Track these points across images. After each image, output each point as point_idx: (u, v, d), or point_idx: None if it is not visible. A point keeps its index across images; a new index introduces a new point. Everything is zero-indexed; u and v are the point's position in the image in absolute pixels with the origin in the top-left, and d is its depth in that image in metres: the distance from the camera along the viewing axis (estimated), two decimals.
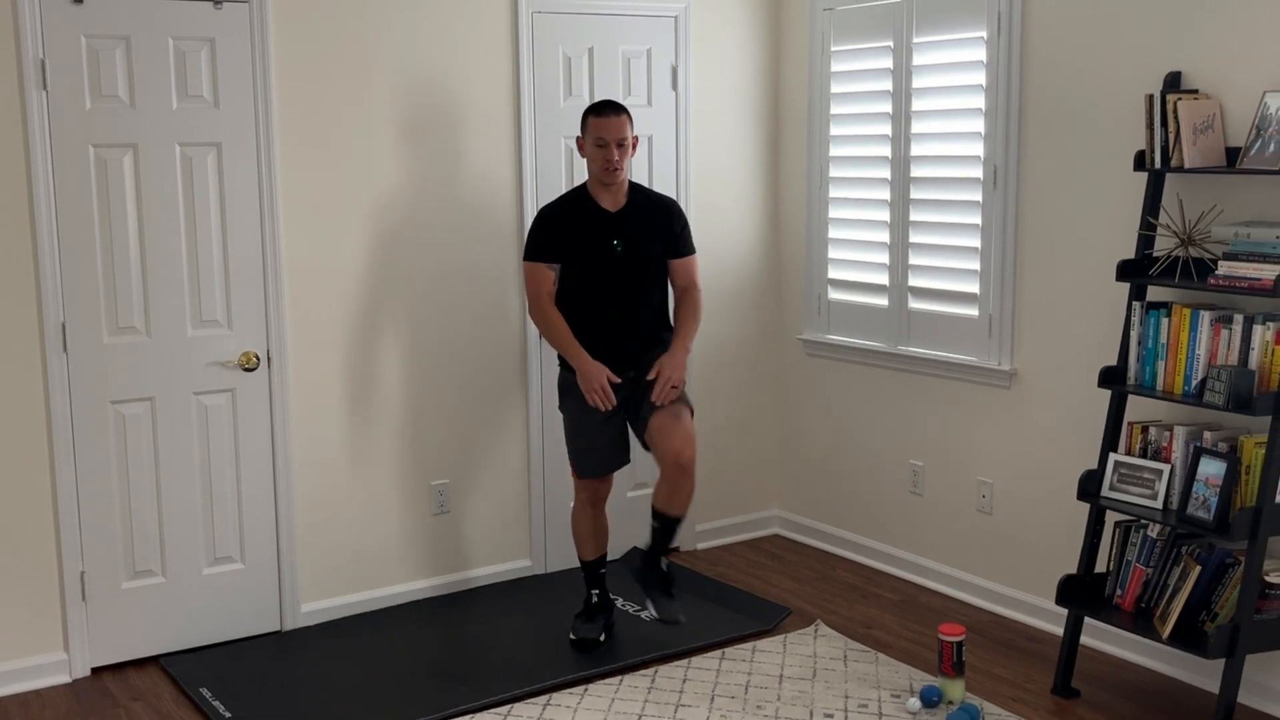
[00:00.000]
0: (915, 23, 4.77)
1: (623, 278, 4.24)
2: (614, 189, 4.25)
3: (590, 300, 4.23)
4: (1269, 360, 3.52)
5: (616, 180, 4.21)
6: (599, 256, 4.22)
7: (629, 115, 4.24)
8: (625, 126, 4.19)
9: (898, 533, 5.11)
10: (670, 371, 4.15)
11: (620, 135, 4.17)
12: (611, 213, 4.24)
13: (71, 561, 4.13)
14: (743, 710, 3.86)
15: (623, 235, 4.22)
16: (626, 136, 4.19)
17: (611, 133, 4.17)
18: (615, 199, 4.26)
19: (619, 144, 4.17)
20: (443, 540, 4.86)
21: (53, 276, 4.01)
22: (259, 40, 4.24)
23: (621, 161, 4.18)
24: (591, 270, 4.23)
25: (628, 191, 4.29)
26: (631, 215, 4.26)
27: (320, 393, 4.52)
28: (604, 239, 4.22)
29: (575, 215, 4.26)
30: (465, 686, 4.02)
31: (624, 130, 4.19)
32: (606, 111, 4.21)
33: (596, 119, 4.20)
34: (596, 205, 4.25)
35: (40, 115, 3.93)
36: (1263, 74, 3.67)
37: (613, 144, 4.16)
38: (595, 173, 4.24)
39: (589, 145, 4.22)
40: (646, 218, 4.28)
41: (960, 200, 4.67)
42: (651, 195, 4.39)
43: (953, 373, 4.77)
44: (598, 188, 4.26)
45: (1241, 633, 3.50)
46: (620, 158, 4.17)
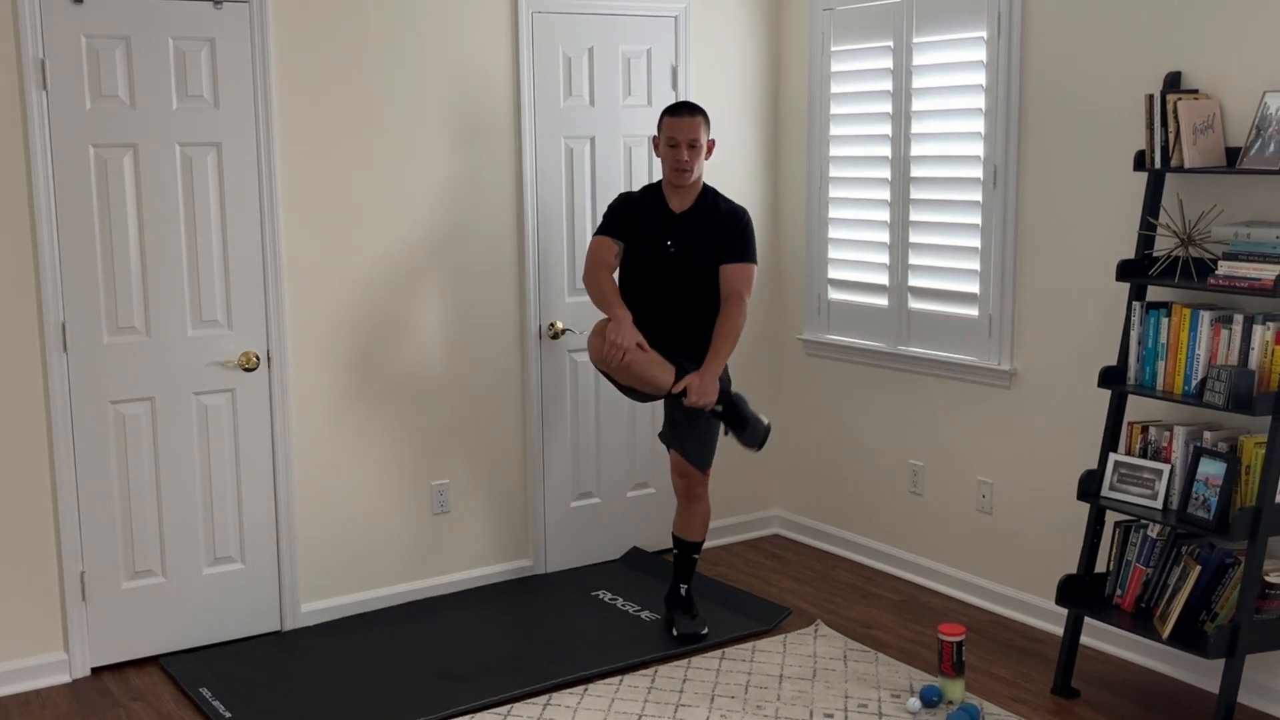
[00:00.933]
0: (915, 23, 4.77)
1: (672, 279, 4.26)
2: (683, 191, 4.27)
3: (636, 293, 4.25)
4: (1269, 360, 3.52)
5: (685, 181, 4.23)
6: (653, 253, 4.26)
7: (705, 117, 4.27)
8: (699, 128, 4.21)
9: (898, 533, 5.11)
10: (696, 396, 4.13)
11: (692, 136, 4.19)
12: (675, 214, 4.27)
13: (71, 561, 4.13)
14: (743, 710, 3.86)
15: (679, 237, 4.25)
16: (699, 138, 4.21)
17: (683, 133, 4.19)
18: (683, 200, 4.28)
19: (690, 145, 4.19)
20: (443, 540, 4.86)
21: (53, 276, 4.01)
22: (259, 40, 4.24)
23: (691, 162, 4.21)
24: (644, 265, 4.28)
25: (699, 195, 4.30)
26: (694, 219, 4.27)
27: (320, 393, 4.52)
28: (661, 238, 4.25)
29: (645, 207, 4.31)
30: (465, 686, 4.02)
31: (696, 131, 4.20)
32: (681, 112, 4.25)
33: (671, 118, 4.24)
34: (665, 204, 4.29)
35: (40, 115, 3.93)
36: (1263, 74, 3.67)
37: (683, 144, 4.19)
38: (666, 172, 4.28)
39: (662, 144, 4.26)
40: (710, 224, 4.28)
41: (960, 200, 4.67)
42: (721, 202, 4.36)
43: (953, 373, 4.77)
44: (668, 187, 4.31)
45: (1241, 633, 3.50)
46: (690, 158, 4.20)
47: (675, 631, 4.38)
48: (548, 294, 4.94)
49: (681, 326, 4.27)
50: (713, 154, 4.35)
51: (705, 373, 4.16)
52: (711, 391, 4.15)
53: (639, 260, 4.30)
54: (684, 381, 4.15)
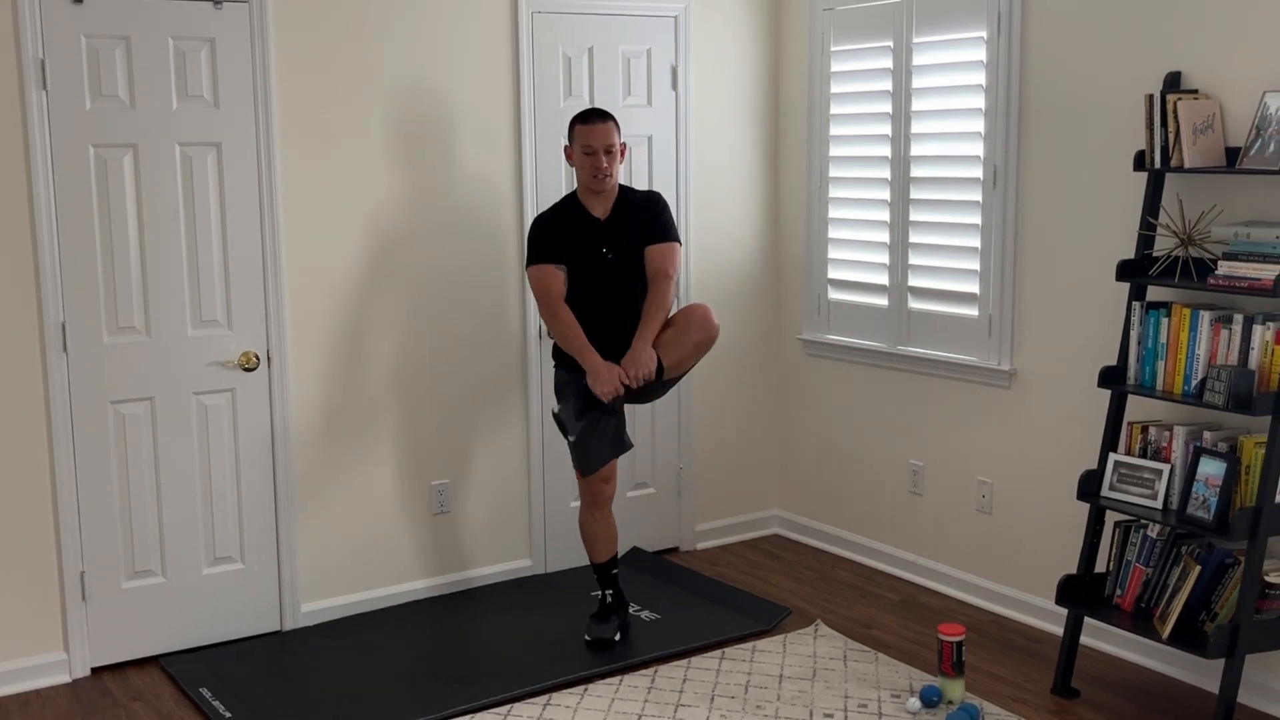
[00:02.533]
0: (915, 23, 4.77)
1: (615, 283, 4.24)
2: (603, 196, 4.25)
3: (586, 306, 4.23)
4: (1269, 360, 3.52)
5: (605, 187, 4.22)
6: (591, 264, 4.23)
7: (616, 122, 4.24)
8: (612, 133, 4.19)
9: (898, 533, 5.11)
10: (632, 369, 4.09)
11: (608, 142, 4.17)
12: (601, 220, 4.25)
13: (71, 561, 4.13)
14: (743, 710, 3.86)
15: (613, 242, 4.23)
16: (614, 143, 4.19)
17: (599, 140, 4.16)
18: (604, 206, 4.26)
19: (607, 151, 4.17)
20: (443, 540, 4.86)
21: (53, 276, 4.01)
22: (259, 40, 4.24)
23: (610, 168, 4.18)
24: (585, 277, 4.24)
25: (617, 197, 4.28)
26: (620, 220, 4.26)
27: (320, 393, 4.52)
28: (595, 247, 4.22)
29: (568, 222, 4.27)
30: (465, 686, 4.02)
31: (611, 137, 4.18)
32: (593, 119, 4.21)
33: (583, 126, 4.20)
34: (587, 213, 4.26)
35: (40, 115, 3.93)
36: (1263, 74, 3.67)
37: (600, 151, 4.16)
38: (584, 180, 4.24)
39: (577, 153, 4.22)
40: (634, 220, 4.26)
41: (960, 200, 4.67)
42: (635, 195, 4.37)
43: (953, 373, 4.77)
44: (587, 195, 4.26)
45: (1241, 633, 3.50)
46: (609, 165, 4.17)
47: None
48: None
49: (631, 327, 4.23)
50: (625, 157, 4.31)
51: (635, 347, 4.12)
52: (646, 360, 4.10)
53: (578, 275, 4.24)
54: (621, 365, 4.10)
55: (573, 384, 4.24)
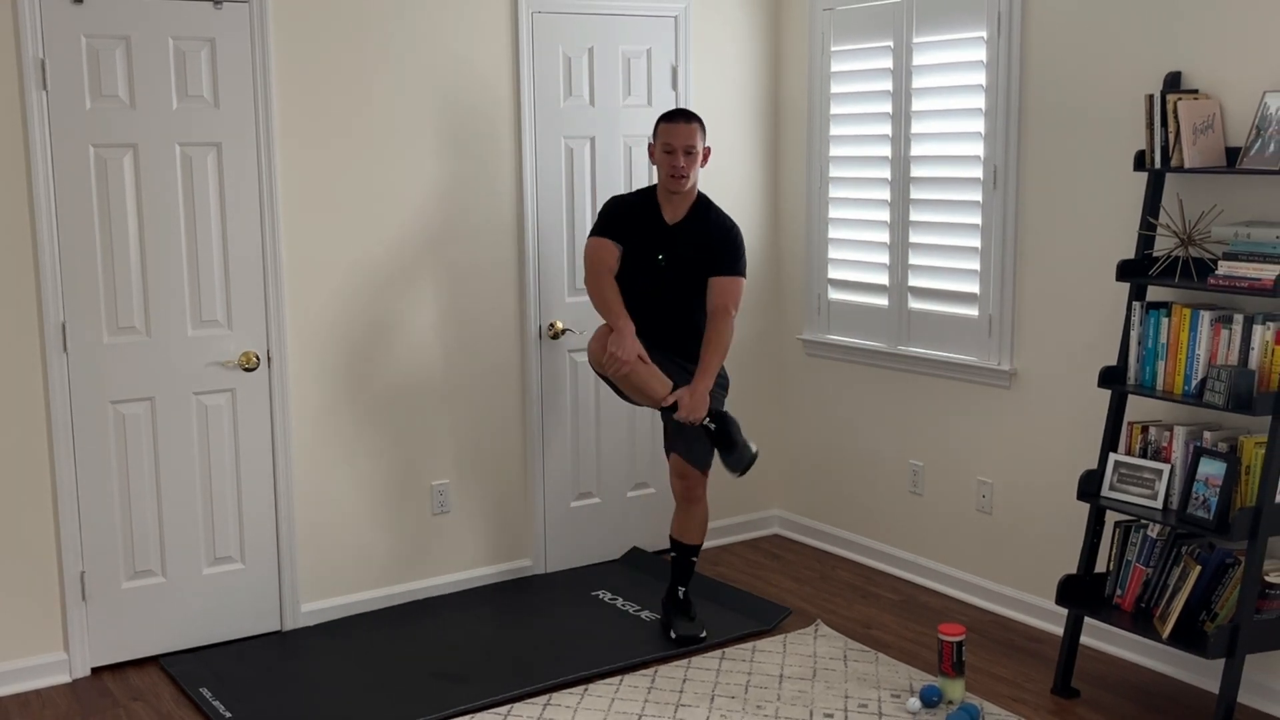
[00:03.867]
0: (915, 23, 4.77)
1: (662, 291, 4.25)
2: (677, 199, 4.25)
3: (628, 300, 4.23)
4: (1269, 360, 3.52)
5: (681, 189, 4.22)
6: (644, 264, 4.24)
7: (701, 124, 4.25)
8: (695, 134, 4.20)
9: (898, 533, 5.11)
10: (687, 411, 4.13)
11: (688, 142, 4.17)
12: (668, 224, 4.25)
13: (71, 561, 4.13)
14: (743, 710, 3.86)
15: (670, 250, 4.23)
16: (695, 145, 4.19)
17: (679, 139, 4.17)
18: (676, 210, 4.26)
19: (686, 151, 4.17)
20: (443, 540, 4.86)
21: (53, 276, 4.01)
22: (259, 40, 4.24)
23: (688, 169, 4.18)
24: (635, 275, 4.25)
25: (693, 204, 4.28)
26: (686, 231, 4.26)
27: (320, 393, 4.52)
28: (652, 249, 4.23)
29: (638, 214, 4.29)
30: (465, 686, 4.02)
31: (693, 138, 4.18)
32: (677, 119, 4.23)
33: (667, 125, 4.23)
34: (658, 212, 4.27)
35: (40, 115, 3.93)
36: (1263, 74, 3.67)
37: (679, 150, 4.17)
38: (662, 179, 4.26)
39: (658, 151, 4.23)
40: (701, 236, 4.25)
41: (960, 200, 4.67)
42: (714, 215, 4.33)
43: (953, 373, 4.77)
44: (664, 194, 4.29)
45: (1241, 633, 3.50)
46: (686, 165, 4.18)
47: (673, 634, 4.38)
48: (548, 294, 4.94)
49: (672, 333, 4.28)
50: (709, 161, 4.32)
51: (695, 388, 4.15)
52: (701, 407, 4.14)
53: (629, 268, 4.27)
54: (674, 396, 4.15)
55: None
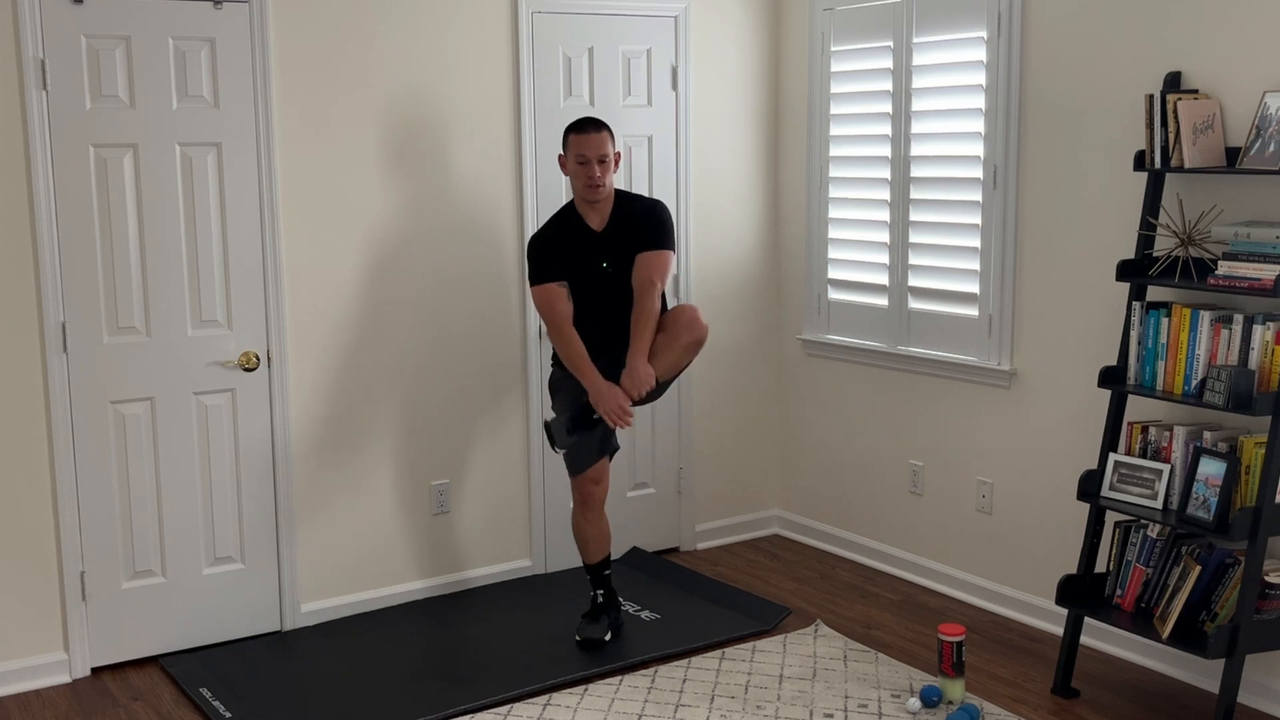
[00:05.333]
0: (915, 23, 4.77)
1: (616, 296, 4.23)
2: (599, 205, 4.23)
3: (587, 320, 4.22)
4: (1269, 360, 3.52)
5: (598, 197, 4.19)
6: (590, 278, 4.22)
7: (610, 131, 4.22)
8: (606, 143, 4.17)
9: (898, 533, 5.11)
10: (633, 389, 4.11)
11: (601, 151, 4.15)
12: (598, 232, 4.23)
13: (71, 561, 4.13)
14: (743, 710, 3.86)
15: (610, 254, 4.21)
16: (608, 153, 4.17)
17: (592, 149, 4.15)
18: (601, 216, 4.24)
19: (600, 160, 4.15)
20: (443, 540, 4.86)
21: (53, 276, 4.01)
22: (259, 40, 4.24)
23: (604, 178, 4.16)
24: (585, 291, 4.23)
25: (614, 206, 4.25)
26: (618, 231, 4.23)
27: (320, 393, 4.52)
28: (593, 260, 4.21)
29: (565, 236, 4.25)
30: (465, 686, 4.02)
31: (605, 146, 4.16)
32: (587, 128, 4.19)
33: (577, 136, 4.18)
34: (584, 224, 4.24)
35: (40, 115, 3.93)
36: (1263, 74, 3.67)
37: (594, 160, 4.14)
38: (578, 190, 4.22)
39: (571, 163, 4.20)
40: (633, 230, 4.24)
41: (960, 200, 4.67)
42: (636, 204, 4.33)
43: (953, 373, 4.77)
44: (583, 205, 4.25)
45: (1241, 633, 3.50)
46: (602, 174, 4.15)
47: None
48: None
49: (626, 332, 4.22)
50: (619, 167, 4.29)
51: (631, 365, 4.12)
52: (643, 381, 4.11)
53: (578, 289, 4.23)
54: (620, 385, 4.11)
55: (566, 390, 4.24)
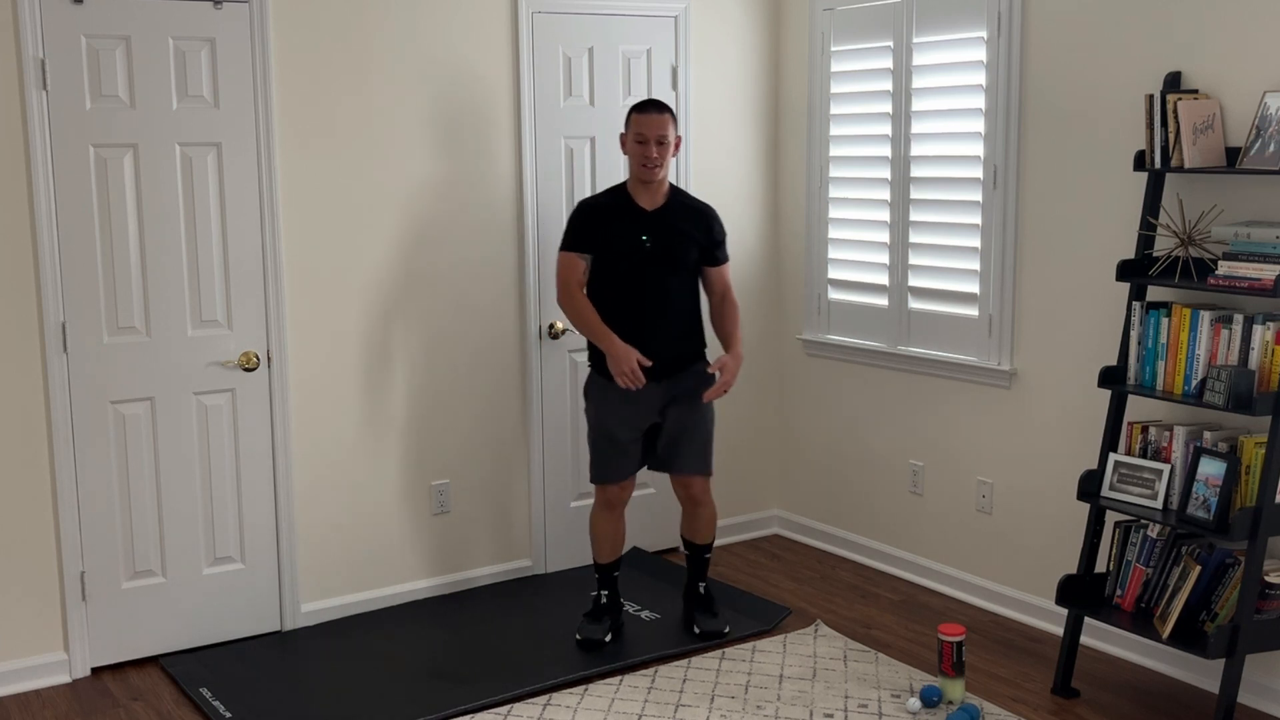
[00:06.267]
0: (915, 23, 4.77)
1: (651, 274, 4.25)
2: (652, 188, 4.26)
3: (619, 295, 4.25)
4: (1269, 360, 3.52)
5: (654, 178, 4.22)
6: (629, 251, 4.24)
7: (673, 114, 4.26)
8: (667, 124, 4.21)
9: (898, 533, 5.11)
10: (730, 374, 4.22)
11: (660, 132, 4.19)
12: (647, 211, 4.26)
13: (71, 561, 4.13)
14: (743, 710, 3.86)
15: (653, 233, 4.24)
16: (667, 134, 4.21)
17: (651, 129, 4.19)
18: (653, 198, 4.27)
19: (659, 141, 4.19)
20: (443, 540, 4.86)
21: (53, 276, 4.01)
22: (259, 40, 4.24)
23: (660, 159, 4.20)
24: (621, 265, 4.26)
25: (667, 193, 4.30)
26: (666, 215, 4.27)
27: (320, 393, 4.52)
28: (635, 233, 4.24)
29: (612, 210, 4.29)
30: (465, 686, 4.02)
31: (665, 128, 4.20)
32: (649, 109, 4.24)
33: (639, 115, 4.23)
34: (633, 202, 4.27)
35: (40, 115, 3.93)
36: (1263, 74, 3.67)
37: (652, 140, 4.18)
38: (634, 169, 4.26)
39: (630, 141, 4.25)
40: (681, 220, 4.28)
41: (960, 200, 4.67)
42: (690, 200, 4.40)
43: (953, 373, 4.77)
44: (636, 185, 4.28)
45: (1241, 633, 3.50)
46: (659, 155, 4.19)
47: (697, 629, 4.40)
48: (548, 294, 4.93)
49: (664, 322, 4.27)
50: (679, 151, 4.34)
51: (736, 354, 4.28)
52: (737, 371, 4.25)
53: (614, 263, 4.26)
54: (718, 361, 4.23)
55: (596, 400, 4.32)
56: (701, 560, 4.50)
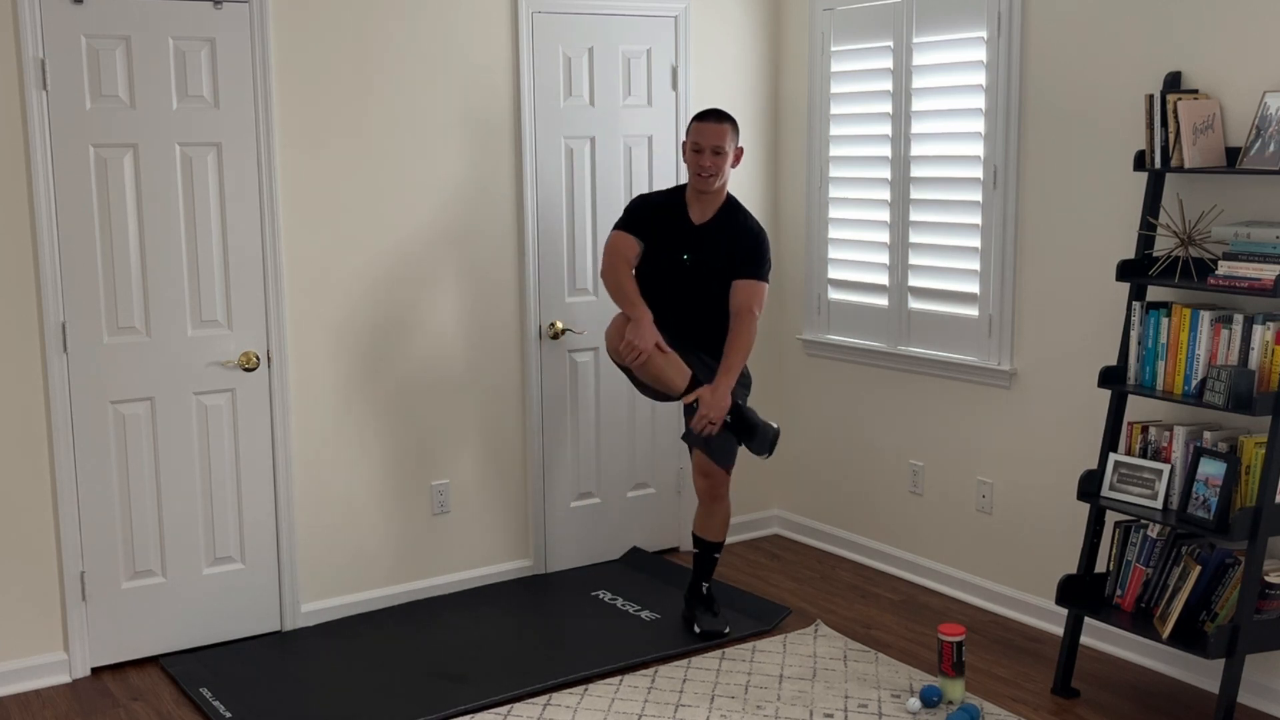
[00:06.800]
0: (915, 23, 4.77)
1: (686, 291, 4.25)
2: (705, 199, 4.26)
3: (651, 298, 4.24)
4: (1269, 360, 3.52)
5: (708, 188, 4.22)
6: (668, 263, 4.25)
7: (734, 125, 4.25)
8: (725, 134, 4.20)
9: (898, 533, 5.11)
10: (706, 408, 4.13)
11: (716, 142, 4.18)
12: (695, 224, 4.26)
13: (71, 561, 4.13)
14: (743, 710, 3.86)
15: (695, 251, 4.23)
16: (724, 145, 4.19)
17: (707, 139, 4.19)
18: (704, 211, 4.26)
19: (715, 151, 4.18)
20: (443, 540, 4.86)
21: (53, 276, 4.01)
22: (259, 40, 4.24)
23: (716, 168, 4.19)
24: (658, 274, 4.26)
25: (721, 206, 4.28)
26: (712, 232, 4.26)
27: (320, 393, 4.52)
28: (677, 248, 4.23)
29: (665, 212, 4.30)
30: (465, 686, 4.02)
31: (722, 138, 4.19)
32: (708, 118, 4.25)
33: (698, 124, 4.25)
34: (684, 212, 4.27)
35: (40, 115, 3.93)
36: (1263, 74, 3.67)
37: (707, 149, 4.18)
38: (691, 177, 4.27)
39: (688, 149, 4.25)
40: (727, 239, 4.26)
41: (960, 200, 4.67)
42: (742, 219, 4.34)
43: (953, 373, 4.77)
44: (692, 194, 4.29)
45: (1241, 633, 3.50)
46: (713, 164, 4.18)
47: (697, 629, 4.40)
48: (548, 294, 4.94)
49: (690, 337, 4.28)
50: (740, 162, 4.32)
51: (718, 386, 4.16)
52: (722, 407, 4.14)
53: (653, 266, 4.28)
54: (696, 393, 4.16)
55: None
56: (710, 559, 4.50)
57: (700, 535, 4.50)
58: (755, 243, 4.29)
